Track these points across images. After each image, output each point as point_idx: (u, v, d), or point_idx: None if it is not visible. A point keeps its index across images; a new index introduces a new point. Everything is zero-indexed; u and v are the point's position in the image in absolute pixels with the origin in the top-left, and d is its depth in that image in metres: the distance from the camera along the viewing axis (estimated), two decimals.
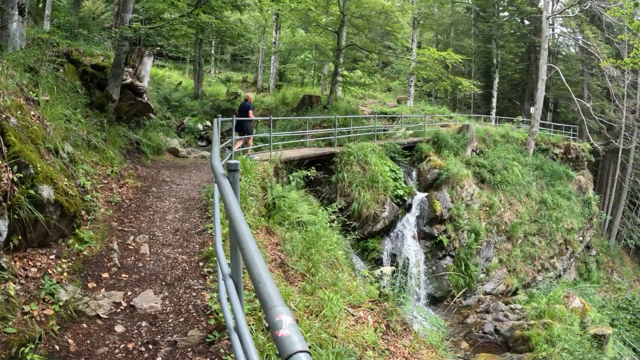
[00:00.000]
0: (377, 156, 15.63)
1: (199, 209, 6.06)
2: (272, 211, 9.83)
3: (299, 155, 13.50)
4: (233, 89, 28.01)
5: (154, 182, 7.39)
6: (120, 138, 9.24)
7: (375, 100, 31.71)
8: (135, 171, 7.98)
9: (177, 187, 7.18)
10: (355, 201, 14.02)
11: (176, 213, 5.87)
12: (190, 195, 6.76)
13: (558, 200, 20.82)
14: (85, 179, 5.48)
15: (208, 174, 9.41)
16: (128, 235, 4.88)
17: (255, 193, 8.96)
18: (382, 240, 15.17)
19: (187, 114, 21.18)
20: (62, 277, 3.83)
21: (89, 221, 4.77)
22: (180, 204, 6.30)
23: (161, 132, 16.46)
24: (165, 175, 8.24)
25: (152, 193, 6.67)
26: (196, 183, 7.68)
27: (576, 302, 16.23)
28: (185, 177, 8.35)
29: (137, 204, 6.08)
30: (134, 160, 8.92)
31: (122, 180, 6.78)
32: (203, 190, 6.96)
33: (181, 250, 4.68)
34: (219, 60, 44.62)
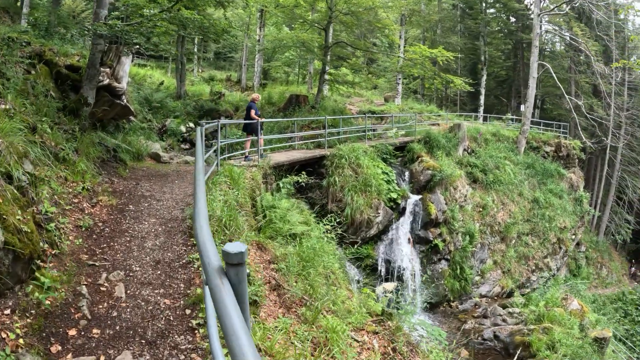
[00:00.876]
0: (369, 158, 15.03)
1: (182, 233, 5.32)
2: (262, 222, 9.13)
3: (288, 160, 12.81)
4: (217, 89, 27.09)
5: (132, 198, 6.63)
6: (94, 147, 8.41)
7: (361, 98, 31.10)
8: (111, 185, 7.18)
9: (158, 204, 6.42)
10: (348, 206, 13.39)
11: (156, 238, 5.11)
12: (172, 214, 6.01)
13: (550, 198, 20.55)
14: (49, 203, 4.70)
15: (192, 184, 8.65)
16: (100, 272, 4.11)
17: (245, 205, 8.24)
18: (376, 246, 14.59)
19: (169, 116, 20.28)
20: (18, 342, 3.06)
21: (53, 257, 4.00)
22: (161, 226, 5.54)
23: (142, 135, 15.59)
24: (144, 188, 7.47)
25: (129, 212, 5.91)
26: (179, 198, 6.94)
27: (574, 304, 15.93)
28: (167, 190, 7.58)
29: (111, 227, 5.32)
30: (109, 172, 8.11)
31: (95, 198, 6.01)
32: (187, 208, 6.22)
33: (163, 292, 3.93)
34: (201, 59, 43.49)
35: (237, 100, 27.33)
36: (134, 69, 32.18)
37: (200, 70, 41.68)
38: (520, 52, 32.41)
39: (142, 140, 14.73)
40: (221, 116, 24.32)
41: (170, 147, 17.07)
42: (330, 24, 17.88)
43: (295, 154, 13.99)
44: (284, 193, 10.85)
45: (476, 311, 16.03)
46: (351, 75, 29.19)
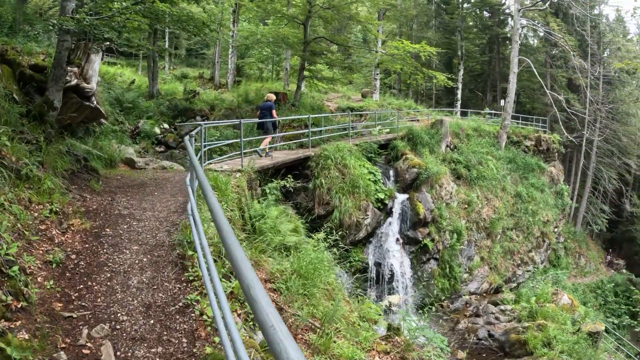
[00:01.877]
0: (354, 157, 14.52)
1: (173, 265, 4.57)
2: (251, 235, 8.46)
3: (272, 163, 12.13)
4: (191, 87, 25.99)
5: (108, 219, 5.85)
6: (62, 157, 7.54)
7: (338, 94, 30.54)
8: (84, 203, 6.37)
9: (139, 225, 5.66)
10: (336, 209, 12.84)
11: (142, 273, 4.33)
12: (158, 238, 5.26)
13: (532, 192, 20.58)
14: (10, 237, 3.91)
15: (174, 196, 7.89)
16: (80, 328, 3.33)
17: (234, 218, 7.56)
18: (365, 248, 14.12)
19: (142, 116, 19.20)
20: None
21: (19, 311, 3.23)
22: (146, 255, 4.78)
23: (114, 139, 14.60)
24: (121, 205, 6.68)
25: (106, 238, 5.13)
26: (162, 216, 6.18)
27: (565, 298, 15.94)
28: (147, 205, 6.81)
29: (87, 260, 4.55)
30: (81, 186, 7.26)
31: (65, 222, 5.22)
32: (173, 229, 5.49)
33: (162, 351, 3.18)
34: (173, 56, 41.97)
35: (212, 99, 26.29)
36: (104, 67, 30.61)
37: (171, 67, 40.23)
38: (496, 46, 32.56)
39: (115, 145, 13.76)
40: (196, 116, 23.34)
41: (145, 151, 16.09)
42: (309, 18, 17.21)
43: (278, 156, 13.31)
44: (271, 200, 10.19)
45: (468, 310, 15.81)
46: (326, 71, 28.55)
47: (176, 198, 7.65)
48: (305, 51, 17.66)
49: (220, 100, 26.13)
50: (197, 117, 23.10)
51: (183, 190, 8.50)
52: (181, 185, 9.13)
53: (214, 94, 29.10)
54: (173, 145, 17.82)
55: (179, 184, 9.17)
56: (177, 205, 6.98)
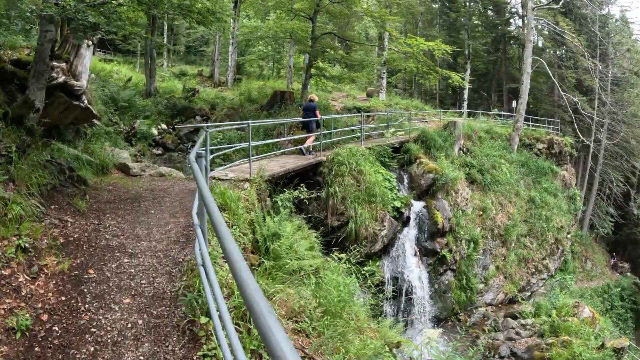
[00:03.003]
0: (368, 162, 13.16)
1: (179, 331, 3.18)
2: (265, 258, 7.09)
3: (283, 170, 10.72)
4: (190, 85, 24.44)
5: (93, 254, 4.46)
6: (40, 169, 6.11)
7: (342, 93, 29.16)
8: (63, 230, 4.96)
9: (132, 263, 4.27)
10: (352, 220, 11.46)
11: (138, 346, 2.94)
12: (157, 284, 3.85)
13: (546, 197, 19.35)
14: None
15: (174, 215, 6.48)
16: None
17: (246, 242, 6.19)
18: (380, 261, 12.76)
19: (138, 116, 17.69)
20: None
21: None
22: (142, 313, 3.38)
23: (107, 141, 13.14)
24: (110, 230, 5.28)
25: (89, 285, 3.76)
26: (161, 248, 4.77)
27: (586, 311, 14.75)
28: (142, 230, 5.40)
29: (64, 323, 3.16)
30: (62, 205, 5.84)
31: (37, 262, 3.84)
32: (176, 270, 4.09)
33: None
34: (172, 53, 40.30)
35: (212, 98, 24.80)
36: (99, 64, 28.97)
37: (170, 65, 38.59)
38: (502, 46, 31.26)
39: (108, 148, 12.28)
40: (196, 115, 21.86)
41: (141, 154, 14.62)
42: (317, 13, 15.78)
43: (288, 162, 11.90)
44: (285, 213, 8.80)
45: (485, 323, 14.57)
46: (329, 69, 27.10)
47: (177, 219, 6.24)
48: (314, 47, 16.24)
49: (221, 98, 24.65)
50: (197, 117, 21.63)
51: (184, 206, 7.09)
52: (181, 198, 7.72)
53: (214, 92, 27.59)
54: (171, 147, 16.36)
55: (179, 197, 7.75)
56: (179, 231, 5.57)
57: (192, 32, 42.34)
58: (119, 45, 42.43)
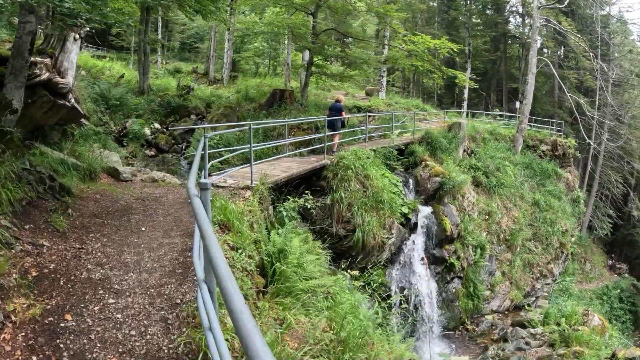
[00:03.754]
0: (374, 166, 12.28)
1: None
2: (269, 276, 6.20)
3: (286, 175, 9.80)
4: (185, 82, 23.34)
5: (71, 291, 3.52)
6: (15, 180, 5.14)
7: (341, 91, 28.19)
8: (37, 258, 4.02)
9: (118, 305, 3.31)
10: (359, 229, 10.59)
11: None
12: (150, 337, 2.89)
13: (550, 200, 18.63)
14: None
15: (168, 233, 5.55)
16: None
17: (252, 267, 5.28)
18: (387, 270, 11.92)
19: (130, 115, 16.61)
20: None
21: None
22: None
23: (97, 142, 12.12)
24: (93, 257, 4.34)
25: (65, 339, 2.82)
26: (153, 282, 3.82)
27: (595, 319, 14.05)
28: (131, 256, 4.47)
29: None
30: (39, 224, 4.88)
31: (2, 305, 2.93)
32: (173, 316, 3.17)
33: None
34: (166, 49, 39.02)
35: (207, 96, 23.72)
36: (91, 60, 27.72)
37: (164, 62, 37.36)
38: (502, 45, 30.49)
39: (97, 150, 11.28)
40: (191, 114, 20.81)
41: (132, 155, 13.60)
42: (319, 8, 14.82)
43: (290, 166, 10.97)
44: (290, 226, 7.89)
45: (493, 332, 13.81)
46: (329, 67, 26.08)
47: (171, 239, 5.30)
48: (315, 44, 15.29)
49: (216, 97, 23.60)
50: (192, 116, 20.58)
51: (179, 221, 6.16)
52: (176, 210, 6.77)
53: (210, 90, 26.52)
54: (165, 148, 15.34)
55: (174, 209, 6.81)
56: (174, 257, 4.64)
57: (186, 29, 41.10)
58: (112, 41, 41.11)
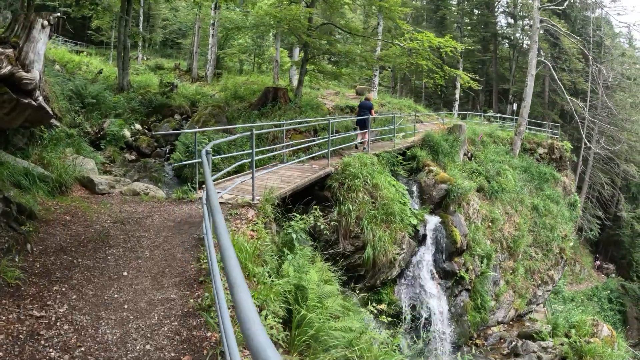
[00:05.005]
0: (379, 173, 11.04)
1: None
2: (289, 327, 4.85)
3: (290, 188, 8.45)
4: (168, 79, 21.54)
5: None
6: None
7: (331, 91, 26.89)
8: None
9: None
10: (369, 245, 9.32)
11: None
12: None
13: (549, 205, 17.81)
14: None
15: (157, 280, 4.13)
16: None
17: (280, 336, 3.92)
18: (396, 287, 10.71)
19: (108, 115, 14.87)
20: None
21: None
22: None
23: (69, 146, 10.45)
24: (58, 330, 2.93)
25: None
26: None
27: (605, 330, 13.27)
28: (110, 327, 3.05)
29: None
30: None
31: None
32: None
33: None
34: (147, 45, 36.84)
35: (192, 93, 21.93)
36: (68, 54, 25.57)
37: (145, 57, 35.23)
38: (493, 45, 29.73)
39: (69, 156, 9.68)
40: (175, 113, 19.10)
41: (111, 161, 11.96)
42: (316, 1, 13.42)
43: (292, 175, 9.61)
44: (304, 252, 6.55)
45: (503, 346, 12.83)
46: (325, 65, 24.61)
47: (165, 291, 3.89)
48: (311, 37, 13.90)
49: (202, 95, 21.88)
50: (176, 115, 18.88)
51: (171, 258, 4.75)
52: (166, 239, 5.35)
53: (194, 87, 24.75)
54: (147, 151, 13.70)
55: (162, 239, 5.38)
56: (173, 329, 3.25)
57: (169, 24, 39.01)
58: (91, 36, 38.69)
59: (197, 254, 4.77)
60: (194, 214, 6.44)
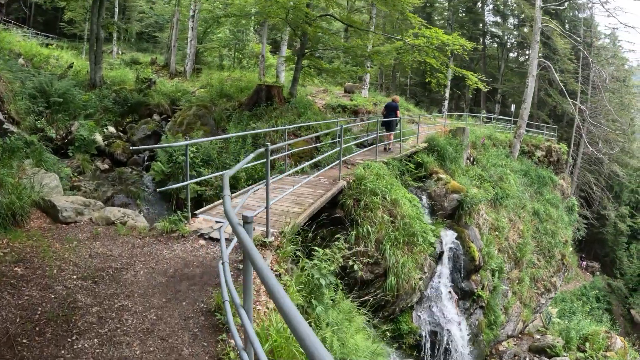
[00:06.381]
0: (396, 186, 9.58)
1: None
2: None
3: (307, 214, 6.86)
4: (145, 74, 19.31)
5: None
6: None
7: (320, 88, 25.18)
8: None
9: None
10: (391, 272, 7.83)
11: None
12: None
13: (549, 210, 16.86)
14: None
15: None
16: None
17: None
18: (414, 312, 9.30)
19: (78, 116, 12.77)
20: None
21: None
22: None
23: (30, 158, 8.49)
24: None
25: None
26: None
27: (618, 342, 12.40)
28: None
29: None
30: None
31: None
32: None
33: None
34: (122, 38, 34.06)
35: (171, 91, 19.73)
36: (36, 47, 22.83)
37: (120, 52, 32.51)
38: (482, 43, 28.72)
39: (28, 170, 7.74)
40: (153, 113, 17.04)
41: (80, 172, 10.00)
42: None
43: (302, 193, 7.98)
44: (339, 304, 5.01)
45: None
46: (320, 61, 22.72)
47: None
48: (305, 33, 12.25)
49: (182, 92, 19.76)
50: (155, 116, 16.83)
51: (172, 349, 3.08)
52: (159, 313, 3.68)
53: (174, 83, 22.55)
54: (122, 159, 11.73)
55: (155, 309, 3.71)
56: None
57: (145, 16, 36.26)
58: (64, 29, 35.52)
59: (214, 345, 3.14)
60: (190, 258, 4.75)
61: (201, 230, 5.43)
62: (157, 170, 9.71)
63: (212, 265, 4.45)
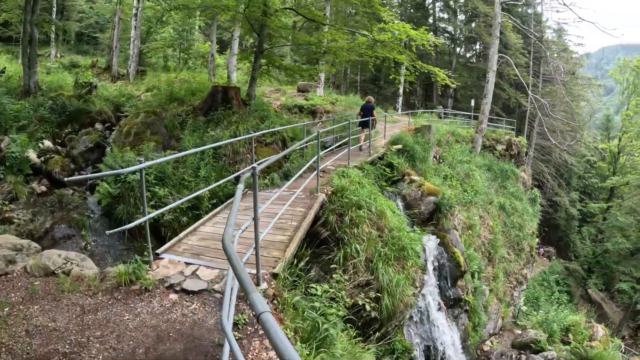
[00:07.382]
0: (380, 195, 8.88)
1: None
2: None
3: (295, 244, 5.91)
4: (85, 78, 17.25)
5: None
6: None
7: (272, 88, 23.95)
8: None
9: None
10: (385, 293, 7.08)
11: None
12: None
13: (514, 203, 16.98)
14: None
15: None
16: None
17: None
18: (405, 328, 8.61)
19: (9, 128, 10.92)
20: None
21: None
22: None
23: None
24: None
25: None
26: None
27: (600, 330, 12.59)
28: None
29: None
30: None
31: None
32: None
33: None
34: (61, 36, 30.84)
35: (115, 95, 17.73)
36: None
37: (59, 55, 29.45)
38: None
39: None
40: (95, 121, 15.24)
41: (12, 198, 8.36)
42: None
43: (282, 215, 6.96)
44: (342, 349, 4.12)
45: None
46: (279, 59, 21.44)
47: None
48: (263, 29, 11.18)
49: (127, 96, 17.89)
50: (97, 125, 15.06)
51: None
52: None
53: (117, 87, 20.46)
54: (61, 177, 10.07)
55: None
56: None
57: (85, 16, 33.17)
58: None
59: None
60: (163, 326, 3.64)
61: (169, 280, 4.30)
62: (103, 192, 8.28)
63: (196, 336, 3.40)
